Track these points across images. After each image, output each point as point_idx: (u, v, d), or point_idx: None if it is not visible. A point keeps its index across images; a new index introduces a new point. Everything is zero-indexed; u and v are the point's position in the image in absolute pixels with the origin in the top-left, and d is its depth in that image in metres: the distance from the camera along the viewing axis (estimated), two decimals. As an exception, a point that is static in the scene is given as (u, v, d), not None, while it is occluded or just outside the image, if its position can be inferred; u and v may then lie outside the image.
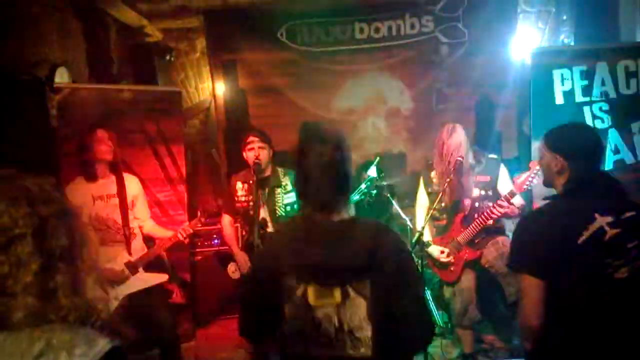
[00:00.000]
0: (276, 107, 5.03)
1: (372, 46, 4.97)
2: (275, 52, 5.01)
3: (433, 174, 3.36)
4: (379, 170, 3.39)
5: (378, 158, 3.38)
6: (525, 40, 4.97)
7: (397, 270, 1.61)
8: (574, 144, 1.78)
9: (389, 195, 3.80)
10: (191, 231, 3.32)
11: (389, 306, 1.59)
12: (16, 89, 3.35)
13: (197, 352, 4.12)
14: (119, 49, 5.44)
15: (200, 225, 3.44)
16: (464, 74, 4.93)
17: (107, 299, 3.11)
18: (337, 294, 1.59)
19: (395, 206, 3.73)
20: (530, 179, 2.96)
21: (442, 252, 3.25)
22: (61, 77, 4.45)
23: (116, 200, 3.23)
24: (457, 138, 3.15)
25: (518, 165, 4.60)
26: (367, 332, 1.61)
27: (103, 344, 0.98)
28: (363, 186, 3.44)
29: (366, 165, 4.20)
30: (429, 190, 3.37)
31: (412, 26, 4.94)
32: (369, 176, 3.27)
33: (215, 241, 4.84)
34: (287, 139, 4.80)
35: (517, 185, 3.01)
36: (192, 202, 4.67)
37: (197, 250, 4.78)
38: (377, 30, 4.96)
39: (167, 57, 5.41)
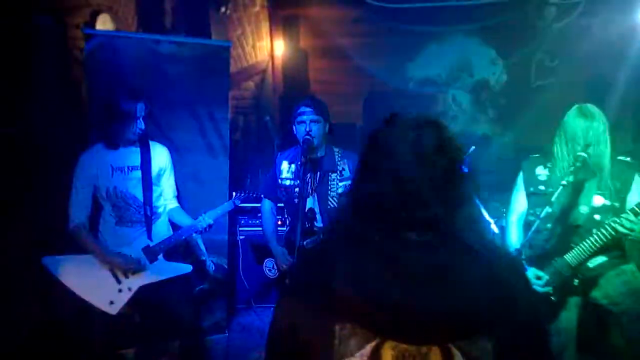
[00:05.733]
0: (341, 72, 4.76)
1: (462, 4, 4.47)
2: (344, 7, 4.68)
3: (540, 169, 2.59)
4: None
5: (473, 147, 2.59)
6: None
7: (528, 324, 1.12)
8: None
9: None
10: (212, 222, 2.82)
11: None
12: (30, 34, 2.83)
13: (227, 346, 3.68)
14: (172, -2, 4.95)
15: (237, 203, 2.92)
16: (574, 44, 4.30)
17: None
18: (435, 357, 1.05)
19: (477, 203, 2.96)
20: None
21: (539, 277, 2.49)
22: (103, 25, 4.05)
23: (139, 173, 2.76)
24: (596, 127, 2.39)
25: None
26: None
27: None
28: None
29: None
30: (531, 190, 2.61)
31: (514, -19, 4.44)
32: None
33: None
34: (349, 111, 4.61)
35: None
36: (240, 176, 4.20)
37: (240, 229, 4.30)
38: (469, -16, 4.50)
39: (223, 10, 4.98)
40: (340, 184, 2.63)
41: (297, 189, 2.63)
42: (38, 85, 2.85)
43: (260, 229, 4.13)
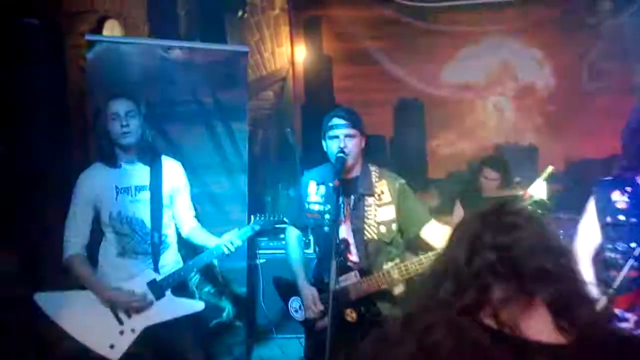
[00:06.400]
0: (368, 78, 4.54)
1: (502, 1, 4.24)
2: (370, 7, 4.46)
3: (617, 194, 2.16)
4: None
5: (551, 168, 2.15)
6: None
7: None
8: None
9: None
10: (240, 242, 2.51)
11: None
12: (24, 37, 2.55)
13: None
14: (186, 3, 4.73)
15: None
16: (631, 43, 4.04)
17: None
18: None
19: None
20: None
21: (626, 319, 2.10)
22: (112, 32, 3.80)
23: (148, 195, 2.45)
24: None
25: None
26: None
27: None
28: None
29: (491, 164, 3.15)
30: (607, 220, 2.18)
31: (560, -26, 4.23)
32: (531, 197, 2.10)
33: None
34: (377, 122, 4.25)
35: None
36: (259, 194, 4.04)
37: (261, 251, 4.02)
38: (509, -21, 4.30)
39: (240, 13, 4.81)
40: (379, 209, 2.26)
41: (327, 215, 2.26)
42: (32, 98, 2.56)
43: (282, 251, 3.83)
